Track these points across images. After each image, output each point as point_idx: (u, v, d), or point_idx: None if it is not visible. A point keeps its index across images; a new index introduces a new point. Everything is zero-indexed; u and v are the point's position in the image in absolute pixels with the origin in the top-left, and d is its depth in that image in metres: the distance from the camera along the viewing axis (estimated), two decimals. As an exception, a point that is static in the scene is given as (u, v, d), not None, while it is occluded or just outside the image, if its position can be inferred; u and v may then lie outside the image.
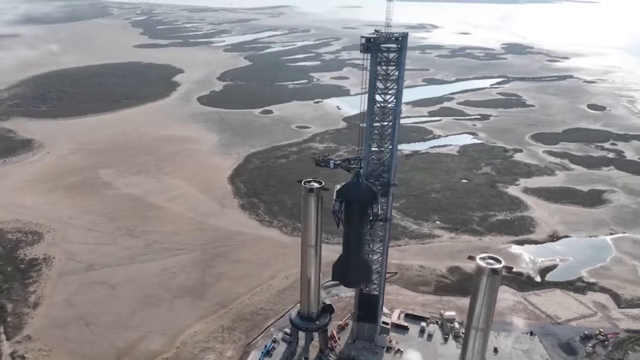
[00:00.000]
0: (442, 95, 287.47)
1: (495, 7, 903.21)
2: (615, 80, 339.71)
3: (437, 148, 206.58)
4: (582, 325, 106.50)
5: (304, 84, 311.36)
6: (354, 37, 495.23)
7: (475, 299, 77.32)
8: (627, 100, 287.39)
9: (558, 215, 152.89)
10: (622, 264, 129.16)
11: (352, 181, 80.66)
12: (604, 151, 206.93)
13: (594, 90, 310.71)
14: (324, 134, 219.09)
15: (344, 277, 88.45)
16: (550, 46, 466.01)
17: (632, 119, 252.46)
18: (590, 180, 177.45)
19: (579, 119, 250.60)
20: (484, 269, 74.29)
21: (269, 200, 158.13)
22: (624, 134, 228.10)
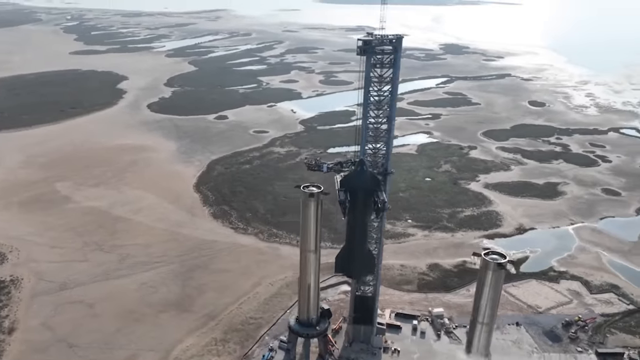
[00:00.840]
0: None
1: (426, 9, 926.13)
2: (548, 77, 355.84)
3: (396, 148, 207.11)
4: (562, 312, 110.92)
5: (254, 88, 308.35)
6: (297, 40, 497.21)
7: (481, 293, 78.76)
8: (562, 97, 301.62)
9: (520, 208, 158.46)
10: (586, 252, 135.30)
11: (356, 170, 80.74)
12: (551, 145, 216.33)
13: (532, 87, 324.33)
14: (284, 138, 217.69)
15: (348, 268, 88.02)
16: (484, 46, 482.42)
17: (570, 114, 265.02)
18: (544, 174, 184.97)
19: (523, 115, 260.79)
20: (489, 264, 75.82)
21: (239, 207, 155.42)
22: (566, 129, 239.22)
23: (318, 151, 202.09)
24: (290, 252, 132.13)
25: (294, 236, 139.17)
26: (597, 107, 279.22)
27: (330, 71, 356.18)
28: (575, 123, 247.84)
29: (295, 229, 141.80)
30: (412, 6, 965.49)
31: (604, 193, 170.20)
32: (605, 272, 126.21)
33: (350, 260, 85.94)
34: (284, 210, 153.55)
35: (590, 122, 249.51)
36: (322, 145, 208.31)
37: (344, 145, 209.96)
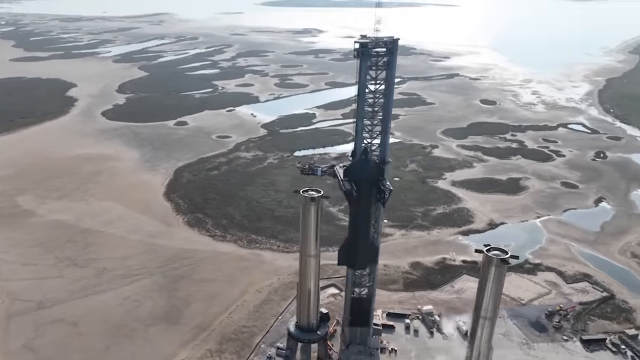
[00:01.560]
0: (349, 98, 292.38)
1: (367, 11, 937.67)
2: (495, 76, 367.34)
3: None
4: (543, 303, 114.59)
5: (210, 92, 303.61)
6: (246, 43, 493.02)
7: (484, 289, 79.58)
8: (511, 95, 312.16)
9: (489, 204, 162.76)
10: (556, 244, 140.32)
11: (360, 159, 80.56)
12: (507, 142, 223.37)
13: (480, 86, 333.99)
14: (248, 143, 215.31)
15: (352, 260, 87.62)
16: (430, 47, 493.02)
17: (520, 112, 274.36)
18: (505, 170, 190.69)
19: (476, 113, 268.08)
20: (492, 259, 76.98)
21: (214, 214, 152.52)
22: (519, 125, 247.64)
23: (285, 155, 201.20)
24: (272, 257, 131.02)
25: (274, 241, 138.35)
26: (544, 104, 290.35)
27: (284, 74, 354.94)
28: (527, 120, 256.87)
29: (273, 233, 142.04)
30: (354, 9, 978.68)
31: (563, 186, 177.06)
32: (577, 262, 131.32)
33: (354, 252, 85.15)
34: (259, 216, 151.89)
35: (540, 119, 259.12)
36: (288, 149, 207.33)
37: (310, 147, 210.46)
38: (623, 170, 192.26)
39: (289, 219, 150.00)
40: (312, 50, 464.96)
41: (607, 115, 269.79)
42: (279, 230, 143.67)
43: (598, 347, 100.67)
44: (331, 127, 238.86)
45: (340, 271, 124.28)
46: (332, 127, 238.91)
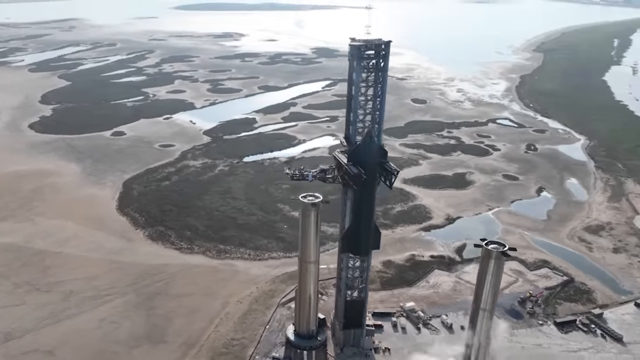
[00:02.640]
0: (285, 101, 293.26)
1: (283, 14, 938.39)
2: (420, 76, 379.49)
3: (309, 152, 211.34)
4: (513, 291, 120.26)
5: (142, 100, 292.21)
6: (168, 49, 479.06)
7: (483, 282, 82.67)
8: (438, 93, 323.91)
9: (442, 200, 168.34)
10: (511, 234, 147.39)
11: (364, 141, 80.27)
12: (445, 139, 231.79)
13: (408, 86, 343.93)
14: (193, 151, 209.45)
15: (357, 246, 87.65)
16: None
17: (450, 109, 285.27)
18: (450, 166, 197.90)
19: (411, 112, 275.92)
20: (492, 252, 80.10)
21: (175, 226, 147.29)
22: (452, 122, 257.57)
23: (234, 161, 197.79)
24: (246, 266, 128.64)
25: (244, 250, 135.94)
26: (470, 102, 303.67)
27: (215, 79, 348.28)
28: (458, 117, 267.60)
29: (241, 242, 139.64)
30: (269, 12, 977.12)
31: (505, 179, 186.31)
32: (534, 250, 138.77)
33: (358, 238, 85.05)
34: (223, 225, 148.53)
35: (470, 115, 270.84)
36: (236, 155, 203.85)
37: (258, 153, 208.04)
38: (554, 161, 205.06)
39: (253, 227, 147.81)
40: (238, 54, 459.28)
41: (529, 110, 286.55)
42: (246, 239, 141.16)
43: (571, 329, 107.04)
44: (274, 132, 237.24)
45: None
46: (275, 132, 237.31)
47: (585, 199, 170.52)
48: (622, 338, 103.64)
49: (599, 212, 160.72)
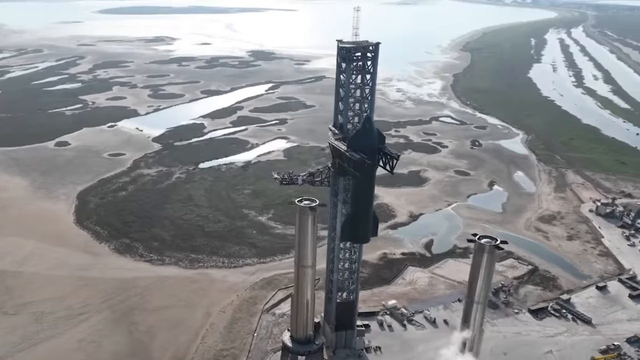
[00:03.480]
0: (231, 105, 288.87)
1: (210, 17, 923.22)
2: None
3: (264, 156, 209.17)
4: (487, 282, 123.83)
5: (81, 108, 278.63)
6: (99, 54, 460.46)
7: (477, 275, 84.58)
8: (379, 93, 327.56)
9: (402, 197, 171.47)
10: (472, 227, 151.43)
11: (364, 127, 78.85)
12: (394, 138, 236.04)
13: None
14: (146, 159, 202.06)
15: (357, 234, 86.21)
16: (289, 51, 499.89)
17: (393, 109, 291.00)
18: (404, 164, 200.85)
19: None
20: (485, 246, 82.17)
21: (141, 237, 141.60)
22: (398, 122, 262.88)
23: (190, 168, 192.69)
24: (221, 275, 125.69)
25: (217, 258, 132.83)
26: (411, 101, 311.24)
27: (154, 85, 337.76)
28: (402, 116, 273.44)
29: (212, 250, 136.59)
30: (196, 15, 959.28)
31: (458, 174, 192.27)
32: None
33: (359, 225, 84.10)
34: (190, 233, 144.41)
35: (413, 114, 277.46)
36: (191, 162, 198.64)
37: (213, 158, 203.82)
38: (499, 156, 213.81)
39: (222, 234, 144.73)
40: (173, 58, 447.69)
41: (467, 107, 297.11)
42: (217, 246, 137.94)
43: (544, 315, 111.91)
44: (226, 136, 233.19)
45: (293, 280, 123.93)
46: (226, 136, 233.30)
47: (534, 191, 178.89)
48: (591, 320, 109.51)
49: (548, 203, 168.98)
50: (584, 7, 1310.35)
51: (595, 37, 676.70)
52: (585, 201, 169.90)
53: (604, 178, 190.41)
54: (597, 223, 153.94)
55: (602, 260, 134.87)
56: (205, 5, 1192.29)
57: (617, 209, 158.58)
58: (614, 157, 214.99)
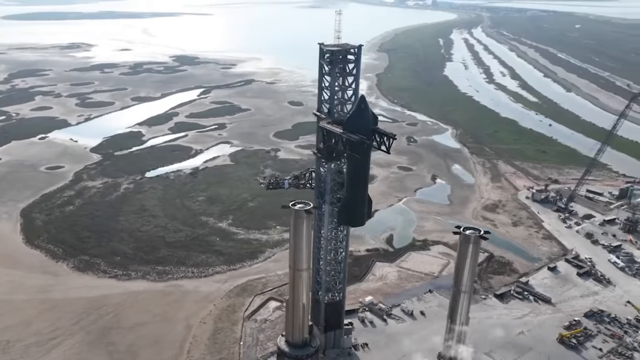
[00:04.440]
0: (165, 112, 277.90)
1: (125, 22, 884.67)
2: (286, 79, 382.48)
3: (210, 162, 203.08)
4: (450, 272, 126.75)
5: (5, 120, 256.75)
6: (12, 62, 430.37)
7: (463, 265, 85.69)
8: (311, 95, 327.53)
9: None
10: (426, 220, 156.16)
11: (358, 109, 76.34)
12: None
13: (280, 89, 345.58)
14: (88, 171, 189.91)
15: (353, 217, 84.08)
16: (212, 55, 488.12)
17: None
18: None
19: (292, 115, 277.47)
20: (470, 237, 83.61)
21: (101, 253, 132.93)
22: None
23: (137, 178, 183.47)
24: (193, 285, 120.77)
25: (185, 268, 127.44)
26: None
27: (80, 93, 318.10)
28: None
29: (179, 260, 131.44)
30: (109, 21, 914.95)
31: (402, 170, 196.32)
32: (449, 232, 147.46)
33: (355, 208, 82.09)
34: (152, 245, 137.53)
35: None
36: (136, 171, 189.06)
37: (159, 166, 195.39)
38: (434, 150, 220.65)
39: (185, 243, 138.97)
40: (94, 65, 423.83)
41: (395, 105, 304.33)
42: (182, 256, 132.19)
43: (509, 298, 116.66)
44: (167, 144, 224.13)
45: (268, 284, 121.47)
46: (168, 144, 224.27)
47: (473, 182, 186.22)
48: (551, 299, 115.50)
49: (488, 192, 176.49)
50: (478, 9, 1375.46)
51: (494, 37, 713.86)
52: (520, 189, 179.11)
53: (531, 167, 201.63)
54: (535, 209, 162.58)
55: (547, 243, 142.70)
56: (116, 10, 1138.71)
57: (550, 194, 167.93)
58: (535, 146, 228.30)
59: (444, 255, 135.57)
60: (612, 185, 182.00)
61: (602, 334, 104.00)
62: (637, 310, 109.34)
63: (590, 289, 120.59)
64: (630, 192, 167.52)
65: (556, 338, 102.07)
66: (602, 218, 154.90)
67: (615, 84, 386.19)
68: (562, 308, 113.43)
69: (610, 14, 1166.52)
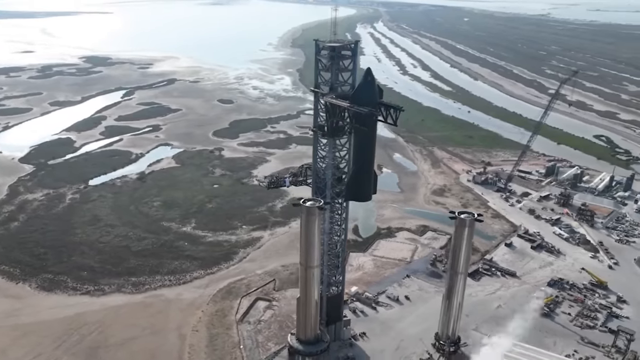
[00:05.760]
0: (91, 116, 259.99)
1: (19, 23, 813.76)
2: (210, 77, 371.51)
3: (155, 165, 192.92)
4: (421, 257, 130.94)
5: None
6: None
7: (459, 248, 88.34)
8: (238, 92, 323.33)
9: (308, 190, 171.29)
10: (385, 209, 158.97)
11: (365, 81, 74.56)
12: (274, 134, 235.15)
13: (206, 88, 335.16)
14: (23, 183, 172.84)
15: (360, 192, 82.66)
16: (125, 55, 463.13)
17: (258, 106, 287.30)
18: (295, 158, 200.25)
19: (226, 113, 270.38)
20: (465, 220, 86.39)
21: (64, 269, 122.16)
22: (269, 118, 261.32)
23: (81, 187, 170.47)
24: (175, 293, 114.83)
25: (160, 277, 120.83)
26: (271, 97, 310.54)
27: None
28: (271, 112, 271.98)
29: (152, 269, 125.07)
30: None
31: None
32: (409, 219, 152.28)
33: (362, 183, 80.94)
34: (118, 256, 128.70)
35: (280, 110, 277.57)
36: (79, 180, 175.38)
37: (101, 174, 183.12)
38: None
39: (153, 251, 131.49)
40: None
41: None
42: (154, 265, 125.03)
43: (479, 276, 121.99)
44: (103, 149, 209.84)
45: (251, 285, 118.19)
46: (104, 149, 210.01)
47: (417, 169, 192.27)
48: (516, 273, 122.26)
49: (433, 178, 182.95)
50: (374, 4, 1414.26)
51: (397, 31, 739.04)
52: (460, 173, 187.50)
53: (463, 151, 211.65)
54: (478, 190, 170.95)
55: (497, 221, 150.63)
56: (4, 9, 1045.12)
57: (489, 176, 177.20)
58: (462, 132, 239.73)
59: (410, 240, 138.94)
60: (537, 164, 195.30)
61: (567, 300, 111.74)
62: (591, 276, 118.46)
63: (545, 260, 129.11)
64: (557, 169, 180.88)
65: (543, 306, 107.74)
66: (538, 195, 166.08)
67: (512, 72, 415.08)
68: (526, 280, 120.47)
69: (491, 8, 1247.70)
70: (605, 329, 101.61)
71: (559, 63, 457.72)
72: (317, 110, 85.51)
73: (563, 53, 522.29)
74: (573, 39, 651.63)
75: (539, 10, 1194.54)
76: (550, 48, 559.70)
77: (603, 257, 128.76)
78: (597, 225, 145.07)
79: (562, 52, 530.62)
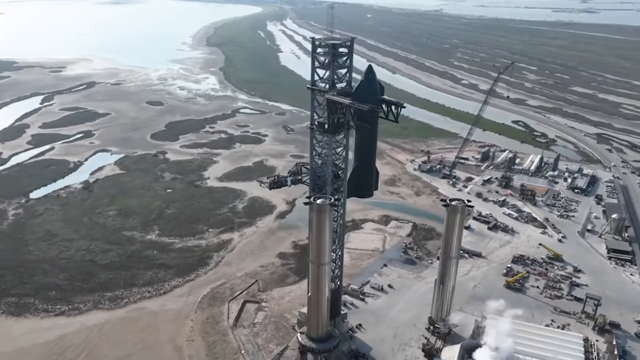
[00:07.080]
0: (12, 124, 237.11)
1: None
2: (131, 79, 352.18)
3: (98, 172, 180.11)
4: (392, 246, 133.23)
5: None
6: None
7: (452, 234, 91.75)
8: (166, 94, 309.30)
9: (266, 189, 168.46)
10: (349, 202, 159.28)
11: (366, 78, 74.14)
12: (215, 134, 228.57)
13: (130, 90, 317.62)
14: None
15: (362, 188, 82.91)
16: (32, 58, 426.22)
17: (191, 107, 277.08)
18: (242, 157, 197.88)
19: (159, 115, 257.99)
20: (458, 207, 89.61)
21: (28, 291, 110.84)
22: (205, 118, 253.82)
23: (22, 201, 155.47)
24: (157, 304, 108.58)
25: (137, 289, 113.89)
26: (201, 97, 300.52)
27: None
28: (205, 113, 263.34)
29: (126, 282, 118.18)
30: None
31: (295, 158, 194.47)
32: (370, 210, 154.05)
33: (364, 179, 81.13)
34: (85, 271, 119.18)
35: (213, 110, 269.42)
36: (18, 194, 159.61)
37: (41, 186, 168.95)
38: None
39: (121, 263, 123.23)
40: None
41: (255, 97, 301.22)
42: (127, 276, 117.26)
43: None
44: (37, 159, 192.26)
45: (235, 289, 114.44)
46: (38, 159, 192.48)
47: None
48: (482, 253, 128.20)
49: (381, 169, 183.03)
50: (278, 1, 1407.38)
51: (307, 28, 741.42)
52: (405, 162, 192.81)
53: (401, 142, 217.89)
54: (426, 178, 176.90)
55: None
56: None
57: (433, 164, 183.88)
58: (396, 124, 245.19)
59: (377, 231, 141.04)
60: (471, 150, 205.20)
61: (532, 274, 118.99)
62: (547, 250, 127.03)
63: (503, 239, 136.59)
64: (493, 154, 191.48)
65: (503, 285, 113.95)
66: (481, 179, 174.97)
67: (425, 64, 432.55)
68: (492, 259, 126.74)
69: (389, 4, 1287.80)
70: (571, 297, 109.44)
71: (463, 55, 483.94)
72: (314, 108, 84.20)
73: (464, 46, 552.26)
74: (469, 32, 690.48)
75: (432, 6, 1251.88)
76: (452, 41, 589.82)
77: (552, 232, 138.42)
78: (539, 203, 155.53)
79: (464, 45, 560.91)
